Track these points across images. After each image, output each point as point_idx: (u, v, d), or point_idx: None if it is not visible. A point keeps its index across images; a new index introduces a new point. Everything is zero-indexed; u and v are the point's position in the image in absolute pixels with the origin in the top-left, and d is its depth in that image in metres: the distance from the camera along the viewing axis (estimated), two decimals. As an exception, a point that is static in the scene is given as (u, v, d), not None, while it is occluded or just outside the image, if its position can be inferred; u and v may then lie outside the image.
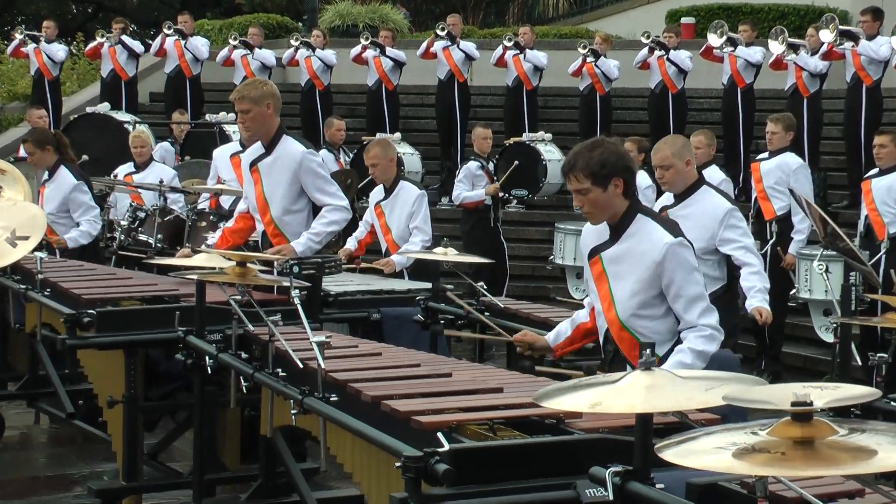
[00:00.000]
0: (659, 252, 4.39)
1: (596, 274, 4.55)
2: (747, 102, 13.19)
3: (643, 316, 4.47)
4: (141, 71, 15.79)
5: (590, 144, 4.41)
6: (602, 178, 4.35)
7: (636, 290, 4.45)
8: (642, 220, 4.46)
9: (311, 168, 6.44)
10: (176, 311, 5.38)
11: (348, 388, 4.16)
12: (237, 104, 6.46)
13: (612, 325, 4.53)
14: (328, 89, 15.16)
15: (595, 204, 4.40)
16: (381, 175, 8.19)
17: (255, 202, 6.58)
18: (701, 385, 2.93)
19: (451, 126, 14.56)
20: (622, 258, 4.47)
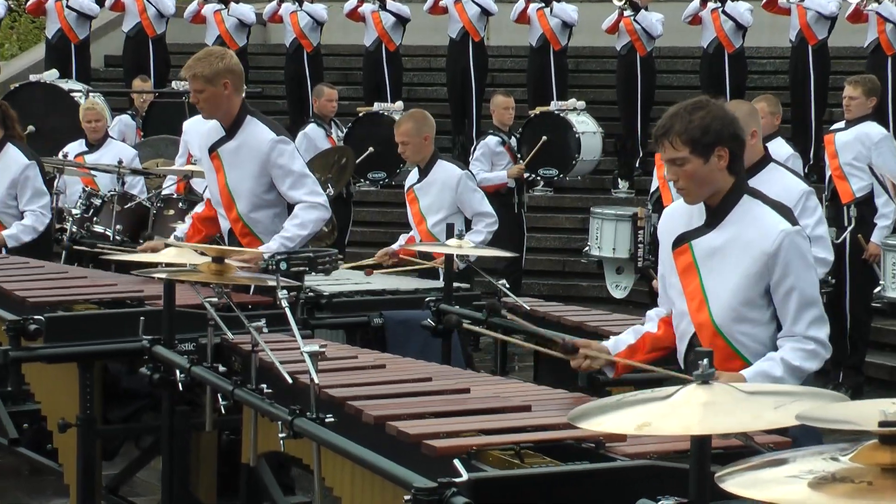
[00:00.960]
0: (773, 241, 4.25)
1: (683, 266, 4.39)
2: (820, 63, 13.17)
3: (745, 319, 4.31)
4: (94, 30, 15.82)
5: (690, 105, 4.28)
6: (704, 146, 4.22)
7: (740, 286, 4.28)
8: (750, 202, 4.34)
9: (281, 159, 6.39)
10: (140, 317, 5.40)
11: (347, 406, 4.18)
12: (189, 82, 6.47)
13: (702, 329, 4.34)
14: (318, 51, 15.19)
15: (693, 178, 4.25)
16: (413, 155, 8.19)
17: (217, 195, 6.57)
18: (769, 402, 2.93)
19: (465, 94, 14.57)
20: (723, 248, 4.31)
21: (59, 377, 5.80)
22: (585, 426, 2.98)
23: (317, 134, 11.83)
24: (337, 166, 9.96)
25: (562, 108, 13.33)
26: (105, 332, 5.67)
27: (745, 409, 2.89)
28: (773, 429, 3.33)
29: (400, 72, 15.05)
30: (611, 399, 3.09)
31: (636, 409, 2.96)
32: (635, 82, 14.14)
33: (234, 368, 4.98)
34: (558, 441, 3.83)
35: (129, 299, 6.01)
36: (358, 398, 4.22)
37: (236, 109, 6.44)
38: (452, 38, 14.74)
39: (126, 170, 9.65)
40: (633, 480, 3.53)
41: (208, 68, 6.35)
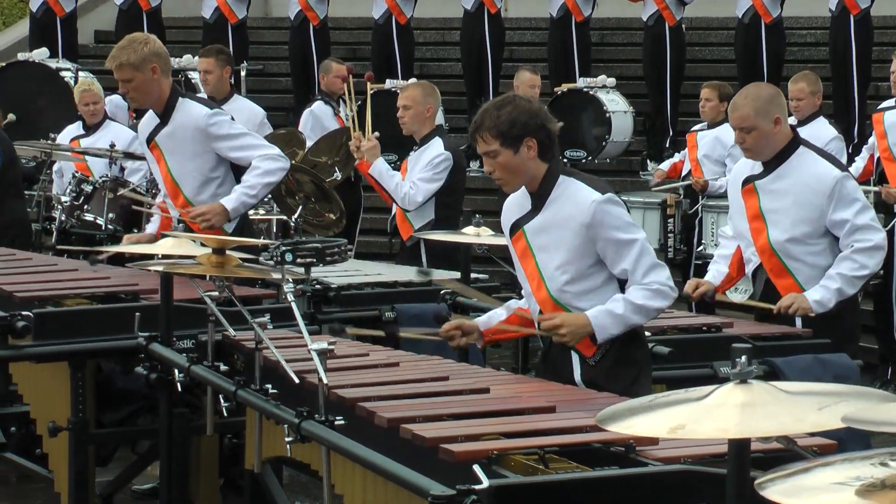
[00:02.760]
0: (586, 213, 4.81)
1: (520, 251, 4.97)
2: (862, 34, 13.11)
3: (579, 291, 4.87)
4: (83, 3, 15.84)
5: (498, 102, 4.91)
6: (512, 138, 4.80)
7: (567, 259, 4.85)
8: (566, 181, 4.91)
9: (219, 130, 6.64)
10: (135, 312, 5.41)
11: (358, 408, 4.19)
12: (115, 72, 6.65)
13: (544, 305, 4.91)
14: (324, 24, 15.17)
15: (506, 168, 4.84)
16: (411, 123, 8.25)
17: (163, 184, 6.82)
18: (812, 402, 2.92)
19: (481, 70, 14.55)
20: (547, 228, 4.88)
21: (49, 377, 5.82)
22: (615, 429, 2.99)
23: (324, 112, 11.82)
24: (345, 148, 9.93)
25: (590, 86, 13.30)
26: (98, 329, 5.69)
27: (786, 410, 2.89)
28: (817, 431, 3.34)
29: (411, 46, 15.03)
30: (642, 400, 3.09)
31: (669, 411, 2.96)
32: (664, 56, 14.09)
33: (237, 367, 5.00)
34: (585, 445, 3.84)
35: (124, 293, 6.03)
36: (370, 399, 4.24)
37: (167, 94, 6.67)
38: (467, 10, 14.71)
39: (119, 153, 9.66)
40: (667, 487, 3.53)
41: (134, 55, 6.57)
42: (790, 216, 5.86)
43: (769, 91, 6.11)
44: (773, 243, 5.90)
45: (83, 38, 16.03)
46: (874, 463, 2.53)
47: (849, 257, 5.82)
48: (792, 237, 5.87)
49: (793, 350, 5.61)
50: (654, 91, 14.23)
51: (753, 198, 5.96)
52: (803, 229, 5.85)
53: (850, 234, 5.82)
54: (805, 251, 5.87)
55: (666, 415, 2.95)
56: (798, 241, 5.86)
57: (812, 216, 5.84)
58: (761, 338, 5.65)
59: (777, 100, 5.99)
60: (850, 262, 5.82)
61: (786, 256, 5.89)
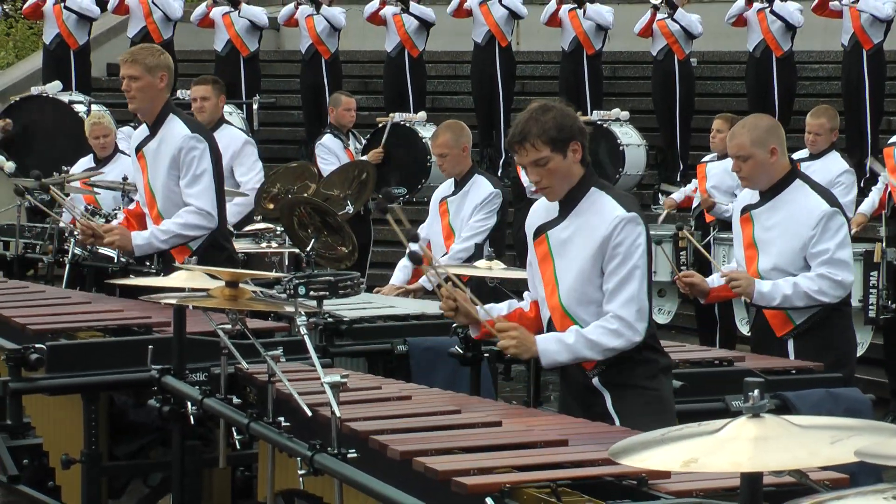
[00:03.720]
0: (609, 225, 4.84)
1: (541, 255, 5.00)
2: (875, 68, 13.15)
3: (589, 301, 4.90)
4: (96, 36, 15.92)
5: (537, 109, 4.90)
6: (561, 142, 4.82)
7: (582, 269, 4.89)
8: (596, 194, 4.93)
9: (186, 156, 6.84)
10: (148, 345, 5.42)
11: (371, 441, 4.20)
12: (125, 67, 6.86)
13: (554, 311, 4.97)
14: (336, 57, 15.24)
15: (555, 174, 4.85)
16: (451, 168, 8.23)
17: (142, 194, 7.04)
18: (825, 436, 2.93)
19: (493, 103, 14.60)
20: (570, 236, 4.92)
21: (62, 410, 5.83)
22: (628, 462, 3.00)
23: (334, 145, 11.87)
24: (357, 182, 9.98)
25: (604, 119, 13.34)
26: (111, 362, 5.69)
27: (799, 444, 2.90)
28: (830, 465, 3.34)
29: (423, 79, 15.09)
30: (655, 434, 3.10)
31: (682, 444, 2.97)
32: (673, 89, 14.15)
33: (250, 400, 5.00)
34: (598, 478, 3.84)
35: (137, 326, 6.04)
36: (382, 432, 4.24)
37: (160, 106, 6.89)
38: (478, 43, 14.77)
39: (131, 186, 9.69)
40: (679, 520, 3.54)
41: (151, 57, 6.85)
42: (777, 245, 5.96)
43: (767, 122, 6.21)
44: (760, 271, 5.99)
45: (96, 71, 16.11)
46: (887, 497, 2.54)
47: (812, 278, 5.90)
48: (776, 266, 5.95)
49: (804, 384, 5.62)
50: (664, 124, 14.27)
51: (749, 226, 6.08)
52: (788, 259, 5.93)
53: (825, 263, 5.90)
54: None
55: (679, 448, 2.96)
56: (781, 270, 5.94)
57: (796, 247, 5.92)
58: (773, 372, 5.66)
59: (775, 131, 6.07)
60: (811, 282, 5.90)
61: None
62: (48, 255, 9.45)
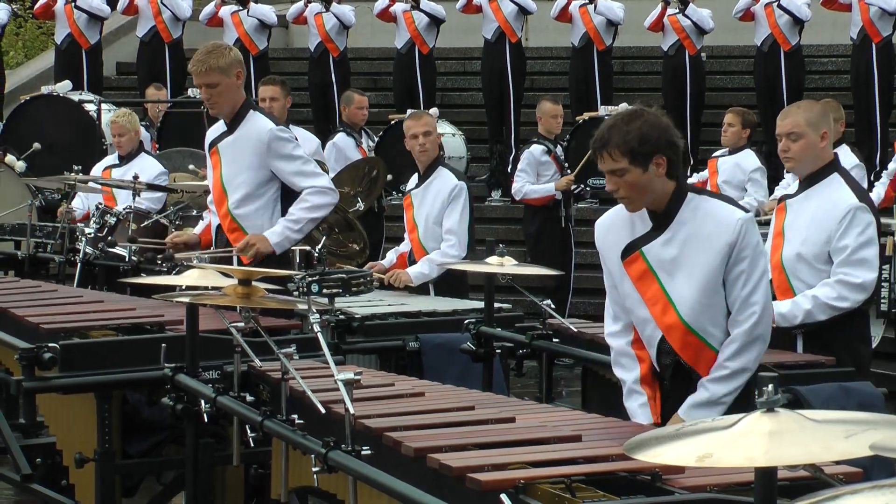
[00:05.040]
0: (733, 230, 4.62)
1: (637, 274, 4.73)
2: (884, 61, 13.14)
3: (716, 312, 4.68)
4: (106, 35, 15.94)
5: (626, 116, 4.67)
6: (642, 155, 4.59)
7: (706, 281, 4.64)
8: (697, 199, 4.70)
9: (281, 148, 6.70)
10: (161, 344, 5.43)
11: (385, 438, 4.20)
12: (201, 77, 6.69)
13: (672, 330, 4.70)
14: (345, 55, 15.25)
15: (634, 187, 4.62)
16: (433, 149, 8.21)
17: (212, 190, 6.89)
18: (839, 431, 2.93)
19: (503, 99, 14.59)
20: (681, 248, 4.66)
21: (76, 409, 5.84)
22: (642, 457, 3.00)
23: (346, 143, 11.88)
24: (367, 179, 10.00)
25: (610, 113, 13.31)
26: (124, 360, 5.70)
27: (813, 438, 2.90)
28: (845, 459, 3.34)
29: (433, 76, 15.09)
30: (669, 429, 3.10)
31: (696, 439, 2.97)
32: (684, 84, 14.15)
33: (263, 398, 5.01)
34: (612, 473, 3.84)
35: (149, 325, 6.05)
36: (396, 429, 4.24)
37: (240, 103, 6.76)
38: (488, 39, 14.77)
39: (142, 185, 9.71)
40: (693, 515, 3.54)
41: (222, 59, 6.66)
42: (802, 234, 5.89)
43: (822, 107, 6.19)
44: (783, 259, 5.93)
45: (105, 70, 16.13)
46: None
47: (831, 285, 5.81)
48: (799, 254, 5.87)
49: (817, 378, 5.61)
50: (675, 120, 14.22)
51: (782, 215, 6.02)
52: (811, 249, 5.85)
53: (844, 263, 5.80)
54: (810, 273, 5.86)
55: (693, 443, 2.96)
56: (804, 260, 5.87)
57: (821, 238, 5.83)
58: (785, 366, 5.65)
59: (828, 117, 6.03)
60: (830, 290, 5.81)
61: (792, 275, 5.91)
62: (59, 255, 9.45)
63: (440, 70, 15.56)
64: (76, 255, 9.31)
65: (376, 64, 16.51)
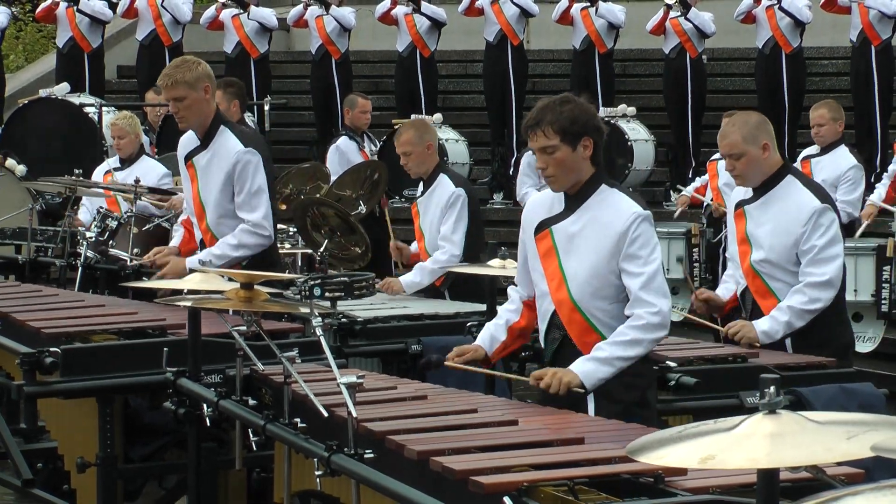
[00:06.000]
0: (625, 221, 4.91)
1: (544, 250, 5.04)
2: (884, 63, 13.14)
3: (601, 296, 4.97)
4: (106, 39, 15.92)
5: (559, 99, 5.03)
6: (572, 134, 4.92)
7: (595, 264, 4.95)
8: (607, 191, 5.01)
9: (241, 172, 6.69)
10: (163, 348, 5.44)
11: (387, 441, 4.21)
12: (168, 91, 6.72)
13: (561, 305, 5.01)
14: (346, 58, 15.25)
15: (561, 165, 4.94)
16: (415, 167, 8.18)
17: (191, 204, 6.92)
18: (841, 432, 2.94)
19: (505, 102, 14.60)
20: (580, 231, 4.98)
21: (77, 413, 5.85)
22: (645, 460, 3.01)
23: (349, 147, 11.90)
24: (369, 182, 9.99)
25: (611, 115, 13.37)
26: (125, 365, 5.70)
27: (815, 440, 2.91)
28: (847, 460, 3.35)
29: (435, 79, 15.09)
30: (671, 431, 3.11)
31: (699, 441, 2.98)
32: (685, 87, 14.15)
33: (265, 402, 5.01)
34: (614, 476, 3.85)
35: (151, 329, 6.05)
36: (399, 432, 4.25)
37: (211, 117, 6.75)
38: (489, 42, 14.77)
39: (143, 188, 9.71)
40: (696, 517, 3.55)
41: (189, 73, 6.67)
42: (769, 241, 5.94)
43: (756, 118, 6.20)
44: (754, 265, 5.98)
45: (105, 74, 16.12)
46: (903, 492, 2.55)
47: (801, 290, 5.88)
48: (768, 260, 5.94)
49: (818, 380, 5.61)
50: (676, 122, 14.27)
51: (742, 221, 6.06)
52: (779, 255, 5.92)
53: (810, 263, 5.87)
54: (784, 273, 5.93)
55: (696, 445, 2.97)
56: (774, 264, 5.94)
57: (787, 243, 5.90)
58: (787, 367, 5.66)
59: (764, 126, 6.07)
60: (801, 296, 5.88)
61: (767, 277, 5.95)
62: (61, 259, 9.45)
63: (442, 73, 15.57)
64: (77, 259, 9.31)
65: (378, 67, 16.51)
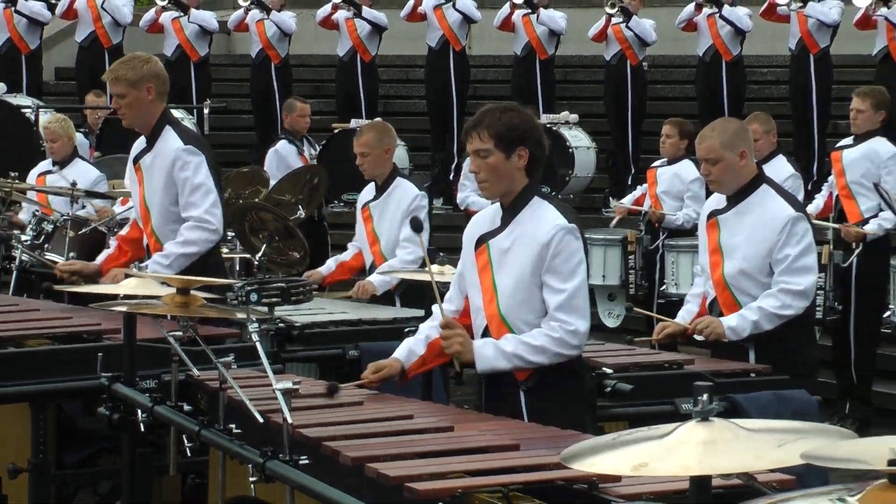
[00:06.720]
0: (547, 234, 4.89)
1: (482, 265, 5.03)
2: (822, 72, 13.25)
3: (527, 309, 4.94)
4: (45, 40, 15.82)
5: (503, 106, 5.02)
6: (507, 141, 4.89)
7: (521, 277, 4.93)
8: (538, 203, 4.99)
9: (180, 170, 6.57)
10: (98, 353, 5.41)
11: (323, 447, 4.20)
12: (110, 86, 6.68)
13: (491, 320, 4.99)
14: (286, 62, 15.22)
15: (493, 170, 4.92)
16: (372, 169, 8.20)
17: (138, 208, 6.80)
18: (772, 439, 2.97)
19: (446, 107, 14.62)
20: (511, 246, 4.96)
21: (10, 418, 5.79)
22: (578, 467, 3.02)
23: (288, 151, 11.88)
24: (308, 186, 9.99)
25: (553, 122, 13.42)
26: (60, 370, 5.66)
27: (747, 447, 2.93)
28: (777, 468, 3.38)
29: (376, 84, 15.10)
30: (605, 438, 3.12)
31: (632, 449, 2.99)
32: (626, 94, 14.22)
33: (201, 407, 4.99)
34: (549, 482, 3.86)
35: (86, 334, 6.01)
36: (334, 438, 4.25)
37: (156, 118, 6.64)
38: (432, 48, 14.79)
39: (80, 192, 9.64)
40: (629, 524, 3.56)
41: (132, 71, 6.56)
42: (742, 250, 5.94)
43: (736, 125, 6.21)
44: (726, 276, 5.98)
45: (44, 75, 16.01)
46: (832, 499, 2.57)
47: (774, 295, 5.88)
48: (742, 270, 5.94)
49: (753, 386, 5.65)
50: (616, 129, 14.33)
51: (715, 231, 6.05)
52: (754, 264, 5.92)
53: (785, 272, 5.87)
54: (755, 287, 5.93)
55: (629, 452, 2.99)
56: (747, 275, 5.93)
57: (761, 252, 5.91)
58: (722, 374, 5.70)
59: (744, 134, 6.07)
60: (774, 300, 5.88)
61: (737, 290, 5.96)
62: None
63: (383, 77, 15.57)
64: (12, 263, 9.23)
65: (319, 71, 16.49)
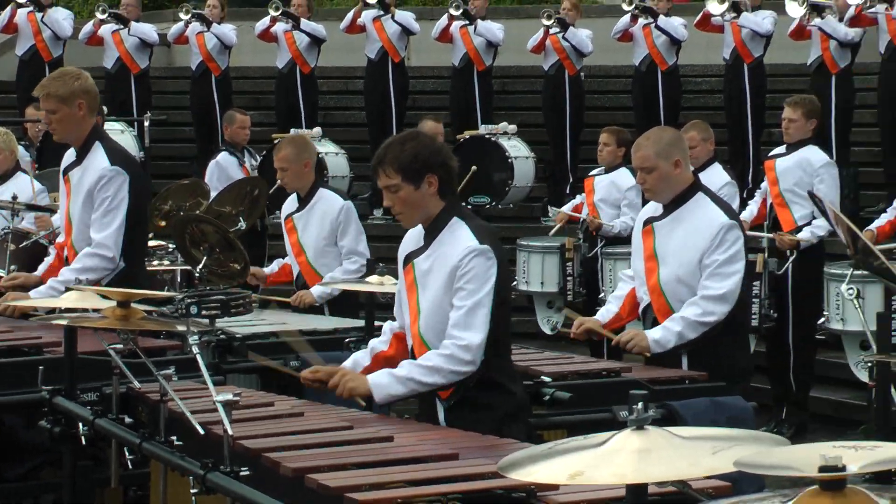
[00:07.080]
0: (458, 255, 4.86)
1: (408, 284, 5.04)
2: (756, 81, 13.35)
3: (442, 331, 4.90)
4: (-16, 54, 15.73)
5: (403, 137, 5.05)
6: (413, 172, 4.89)
7: (435, 299, 4.92)
8: (456, 223, 4.96)
9: (105, 188, 6.54)
10: (38, 366, 5.38)
11: (263, 458, 4.19)
12: (41, 102, 6.60)
13: (414, 340, 5.02)
14: (226, 74, 15.18)
15: (406, 203, 4.92)
16: (292, 182, 8.25)
17: (63, 220, 6.77)
18: (706, 447, 2.99)
19: (385, 118, 14.62)
20: (431, 266, 4.96)
21: (-49, 432, 5.76)
22: (516, 476, 3.03)
23: (229, 163, 11.85)
24: (249, 198, 9.94)
25: (492, 132, 13.45)
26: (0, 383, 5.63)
27: (681, 455, 2.95)
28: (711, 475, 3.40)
29: (315, 95, 15.08)
30: (542, 447, 3.14)
31: (568, 458, 3.01)
32: (563, 104, 14.27)
33: (142, 420, 4.97)
34: (487, 491, 3.87)
35: (27, 347, 5.98)
36: (275, 449, 4.24)
37: (87, 132, 6.60)
38: (371, 59, 14.80)
39: (21, 205, 9.57)
40: (567, 531, 3.57)
41: (63, 87, 6.51)
42: (677, 257, 5.98)
43: (671, 134, 6.24)
44: (661, 283, 6.02)
45: (-16, 90, 15.92)
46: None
47: (696, 302, 5.94)
48: (677, 277, 5.98)
49: (689, 393, 5.69)
50: (554, 139, 14.38)
51: (650, 238, 6.09)
52: (688, 270, 5.96)
53: (707, 277, 5.92)
54: (689, 293, 5.97)
55: (565, 461, 3.00)
56: (683, 282, 5.97)
57: (695, 259, 5.95)
58: (659, 382, 5.73)
59: (679, 143, 6.12)
60: (695, 308, 5.93)
61: (672, 297, 6.01)
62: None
63: (322, 89, 15.55)
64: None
65: (259, 83, 16.45)
